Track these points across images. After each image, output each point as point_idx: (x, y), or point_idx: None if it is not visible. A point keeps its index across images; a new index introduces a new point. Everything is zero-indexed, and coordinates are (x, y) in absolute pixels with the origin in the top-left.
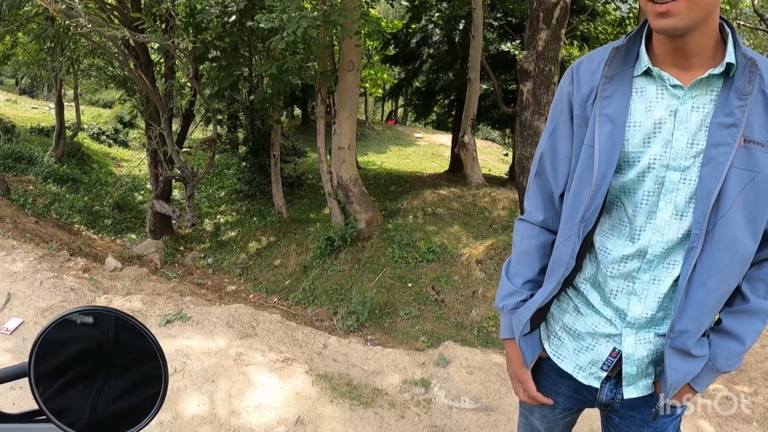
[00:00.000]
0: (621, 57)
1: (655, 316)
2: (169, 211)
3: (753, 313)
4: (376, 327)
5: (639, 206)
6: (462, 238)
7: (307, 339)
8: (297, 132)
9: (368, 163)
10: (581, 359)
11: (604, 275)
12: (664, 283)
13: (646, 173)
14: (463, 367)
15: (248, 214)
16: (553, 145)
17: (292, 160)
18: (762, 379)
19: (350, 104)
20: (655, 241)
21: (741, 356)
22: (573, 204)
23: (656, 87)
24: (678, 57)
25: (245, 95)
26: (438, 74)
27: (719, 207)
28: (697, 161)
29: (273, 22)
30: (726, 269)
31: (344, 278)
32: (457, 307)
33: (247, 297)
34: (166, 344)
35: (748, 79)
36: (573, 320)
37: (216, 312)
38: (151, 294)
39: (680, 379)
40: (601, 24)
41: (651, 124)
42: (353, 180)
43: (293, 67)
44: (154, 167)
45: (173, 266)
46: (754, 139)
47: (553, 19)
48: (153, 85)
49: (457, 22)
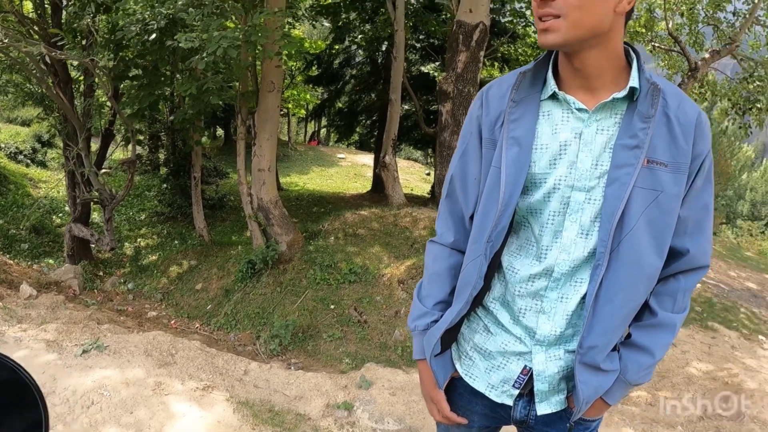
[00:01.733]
0: (528, 81)
1: (564, 333)
2: (88, 235)
3: (661, 326)
4: (299, 350)
5: (545, 226)
6: (383, 259)
7: (228, 365)
8: (219, 153)
9: (291, 184)
10: (493, 378)
11: (512, 294)
12: (572, 300)
13: (551, 194)
14: (385, 389)
15: (169, 238)
16: (463, 168)
17: (214, 182)
18: (684, 384)
19: (271, 125)
20: (561, 259)
21: (651, 368)
22: (480, 224)
23: (562, 110)
24: (580, 79)
25: (166, 115)
26: (360, 95)
27: (623, 226)
28: (601, 182)
29: (193, 42)
30: (632, 286)
31: (266, 301)
32: (380, 327)
33: (168, 323)
34: (82, 376)
35: (651, 102)
36: (483, 340)
37: (134, 340)
38: (67, 323)
39: (592, 394)
40: (522, 46)
41: (557, 146)
42: (274, 202)
43: (213, 88)
44: (72, 189)
45: (92, 292)
46: (657, 159)
47: (472, 41)
48: (71, 103)
49: (380, 43)
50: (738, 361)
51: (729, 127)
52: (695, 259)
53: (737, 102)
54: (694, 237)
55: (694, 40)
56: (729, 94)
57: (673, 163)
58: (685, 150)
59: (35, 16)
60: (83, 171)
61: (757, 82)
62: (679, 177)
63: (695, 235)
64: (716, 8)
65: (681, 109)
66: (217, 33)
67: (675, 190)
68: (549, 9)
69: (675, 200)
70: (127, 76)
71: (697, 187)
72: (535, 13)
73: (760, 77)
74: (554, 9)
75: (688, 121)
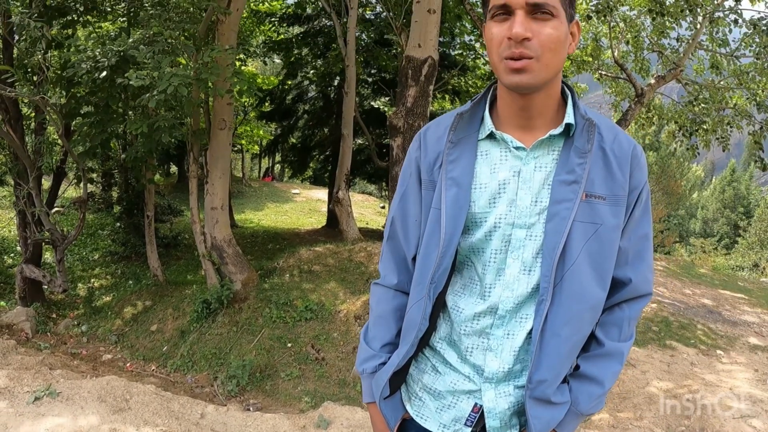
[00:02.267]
0: (466, 122)
1: (513, 369)
2: (40, 276)
3: (609, 356)
4: (257, 390)
5: (488, 264)
6: (339, 295)
7: (184, 409)
8: (173, 190)
9: (245, 221)
10: (444, 417)
11: (458, 333)
12: (518, 336)
13: (492, 232)
14: (344, 427)
15: (123, 278)
16: (403, 209)
17: (168, 220)
18: (645, 404)
19: (223, 163)
20: (505, 297)
21: (602, 398)
22: (423, 266)
23: (500, 149)
24: (522, 118)
25: (119, 152)
26: (314, 130)
27: (565, 260)
28: (541, 218)
29: (144, 80)
30: (576, 318)
31: (223, 341)
32: (338, 364)
33: (123, 366)
34: (35, 424)
35: (587, 138)
36: (432, 380)
37: (87, 386)
38: (18, 369)
39: (544, 427)
40: (472, 78)
41: (496, 185)
42: (227, 240)
43: (165, 125)
44: (23, 229)
45: (45, 335)
46: (595, 193)
47: (421, 76)
48: (22, 141)
49: (332, 78)
50: (697, 377)
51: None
52: (638, 288)
53: (684, 124)
54: (636, 266)
55: (640, 66)
56: (675, 117)
57: (611, 195)
58: (622, 182)
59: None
60: (34, 210)
61: (702, 105)
62: (618, 209)
63: (636, 264)
64: (660, 35)
65: (617, 142)
66: (169, 70)
67: (614, 222)
68: (525, 50)
69: (614, 232)
70: (79, 113)
71: (635, 218)
72: (504, 53)
73: (705, 99)
74: (530, 50)
75: (624, 154)
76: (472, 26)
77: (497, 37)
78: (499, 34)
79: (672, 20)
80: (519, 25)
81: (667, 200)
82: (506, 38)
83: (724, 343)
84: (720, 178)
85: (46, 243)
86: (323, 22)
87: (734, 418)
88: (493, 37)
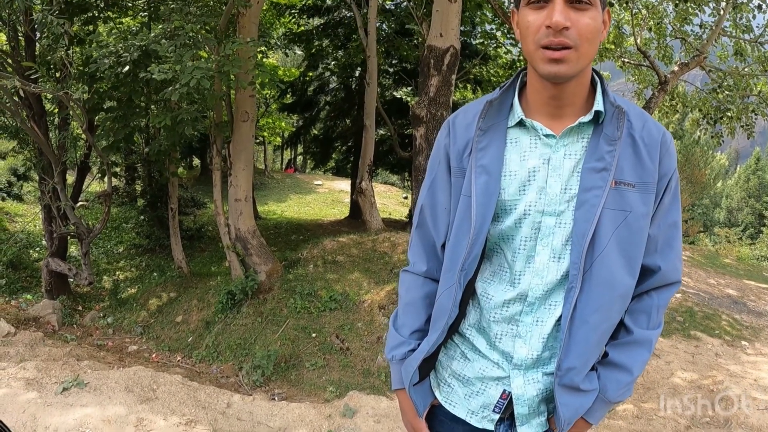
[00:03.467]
0: (495, 109)
1: (542, 357)
2: (65, 270)
3: (638, 343)
4: (282, 380)
5: (517, 252)
6: (363, 285)
7: (210, 399)
8: (196, 183)
9: (269, 212)
10: (473, 404)
11: (488, 320)
12: (547, 323)
13: (522, 220)
14: (370, 416)
15: (148, 270)
16: (432, 197)
17: (191, 212)
18: (670, 395)
19: (246, 155)
20: (534, 284)
21: (631, 385)
22: (453, 253)
23: (530, 137)
24: (552, 107)
25: (142, 146)
26: (335, 121)
27: (594, 247)
28: (570, 205)
29: (166, 74)
30: (606, 306)
31: (247, 332)
32: (362, 354)
33: (149, 357)
34: (63, 414)
35: (616, 125)
36: (461, 366)
37: (114, 376)
38: (46, 360)
39: (572, 414)
40: (494, 67)
41: (525, 173)
42: (251, 232)
43: (188, 119)
44: (49, 223)
45: (72, 327)
46: (625, 180)
47: (443, 65)
48: (46, 136)
49: (353, 69)
50: (722, 368)
51: (701, 137)
52: (667, 276)
53: (708, 112)
54: (665, 254)
55: (663, 53)
56: (699, 104)
57: (640, 183)
58: (652, 170)
59: (8, 48)
60: (59, 205)
61: (727, 92)
62: (647, 197)
63: (665, 252)
64: (683, 22)
65: (646, 129)
66: (191, 64)
67: (643, 210)
68: (565, 39)
69: (644, 219)
70: (102, 108)
71: (665, 206)
72: (542, 41)
73: (729, 87)
74: (569, 40)
75: (653, 141)
76: (493, 15)
77: (534, 24)
78: (535, 21)
79: (695, 6)
80: (559, 13)
81: (691, 189)
82: (544, 26)
83: (749, 334)
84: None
85: (71, 237)
86: (343, 13)
87: (759, 410)
88: (529, 25)
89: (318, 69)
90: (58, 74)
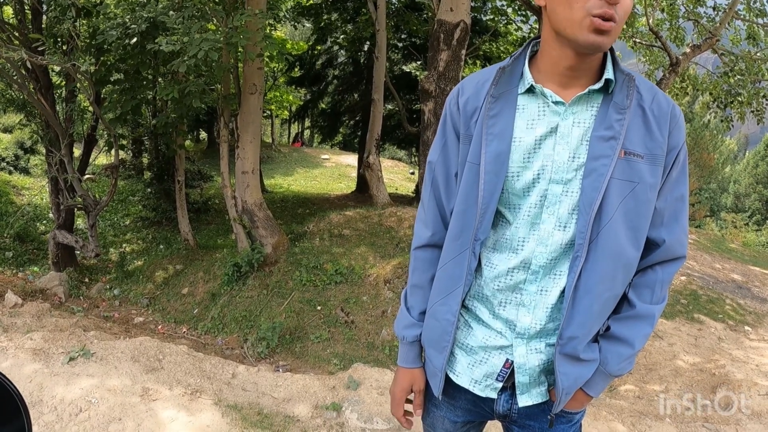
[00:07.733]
0: (507, 77)
1: (546, 327)
2: (72, 242)
3: (640, 318)
4: (287, 352)
5: (522, 219)
6: (369, 259)
7: (216, 369)
8: (203, 156)
9: (275, 186)
10: (476, 373)
11: (491, 289)
12: (552, 293)
13: (530, 188)
14: (373, 388)
15: (154, 242)
16: (445, 159)
17: (198, 185)
18: (671, 377)
19: (253, 127)
20: (538, 252)
21: (632, 359)
22: (460, 221)
23: (538, 104)
24: (566, 77)
25: (149, 119)
26: (343, 95)
27: (601, 217)
28: (578, 174)
29: (174, 45)
30: (610, 276)
31: (253, 304)
32: (367, 327)
33: (155, 328)
34: (69, 383)
35: (626, 93)
36: (464, 335)
37: (121, 346)
38: (53, 330)
39: (572, 384)
40: (503, 44)
41: (532, 140)
42: (258, 204)
43: (195, 91)
44: (56, 196)
45: (78, 299)
46: (634, 151)
47: (453, 40)
48: (53, 109)
49: (362, 43)
50: (725, 352)
51: (711, 121)
52: (672, 250)
53: (718, 96)
54: (670, 227)
55: (675, 35)
56: (710, 88)
57: (649, 154)
58: (661, 142)
59: (15, 21)
60: (66, 177)
61: (738, 76)
62: (655, 168)
63: (671, 225)
64: (696, 3)
65: (656, 101)
66: (198, 36)
67: (651, 181)
68: (614, 13)
69: (651, 191)
70: (109, 80)
71: (672, 179)
72: (595, 10)
73: (741, 71)
74: (617, 14)
75: (662, 113)
76: None
77: None
78: None
79: None
80: None
81: (699, 173)
82: None
83: (753, 319)
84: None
85: (78, 209)
86: None
87: (760, 395)
88: None
89: (326, 42)
90: (65, 46)
